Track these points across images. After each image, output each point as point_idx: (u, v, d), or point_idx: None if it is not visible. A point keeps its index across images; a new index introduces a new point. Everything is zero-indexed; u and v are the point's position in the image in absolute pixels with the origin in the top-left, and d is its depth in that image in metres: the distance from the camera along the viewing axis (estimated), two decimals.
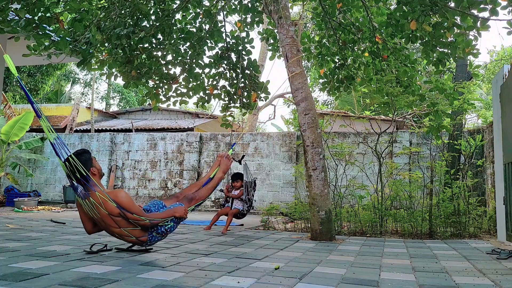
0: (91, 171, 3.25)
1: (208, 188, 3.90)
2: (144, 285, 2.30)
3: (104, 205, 3.13)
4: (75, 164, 3.13)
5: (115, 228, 3.22)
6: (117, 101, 30.02)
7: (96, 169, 3.33)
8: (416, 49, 14.38)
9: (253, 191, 5.95)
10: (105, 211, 3.15)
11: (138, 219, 3.21)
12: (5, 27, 4.69)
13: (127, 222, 3.21)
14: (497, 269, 3.09)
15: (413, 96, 5.94)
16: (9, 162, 11.39)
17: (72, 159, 3.14)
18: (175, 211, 3.41)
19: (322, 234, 4.78)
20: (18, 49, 6.41)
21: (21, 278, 2.35)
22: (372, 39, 6.33)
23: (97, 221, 3.29)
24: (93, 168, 3.31)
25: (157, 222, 3.31)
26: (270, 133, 11.07)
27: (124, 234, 3.27)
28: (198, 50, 6.46)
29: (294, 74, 5.11)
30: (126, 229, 3.24)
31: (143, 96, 6.97)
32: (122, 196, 3.19)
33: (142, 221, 3.24)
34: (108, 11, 5.38)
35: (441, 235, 5.55)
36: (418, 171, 6.99)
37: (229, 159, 4.19)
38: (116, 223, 3.20)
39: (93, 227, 3.38)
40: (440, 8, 4.79)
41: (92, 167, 3.30)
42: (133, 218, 3.20)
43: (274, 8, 5.29)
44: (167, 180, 11.38)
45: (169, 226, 3.41)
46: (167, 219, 3.37)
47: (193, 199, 3.73)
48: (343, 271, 2.90)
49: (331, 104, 20.69)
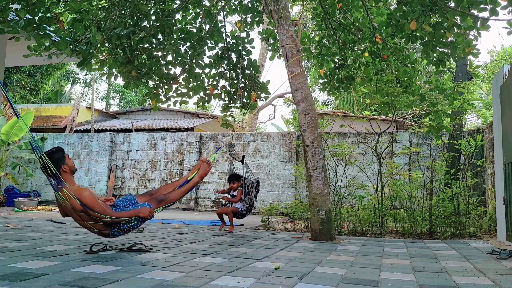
0: (62, 169, 3.52)
1: (181, 191, 4.04)
2: (144, 285, 2.30)
3: (69, 201, 3.39)
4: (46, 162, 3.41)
5: (79, 220, 3.51)
6: (117, 101, 30.03)
7: (68, 166, 3.58)
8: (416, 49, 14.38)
9: (256, 192, 5.93)
10: (70, 206, 3.41)
11: (100, 217, 3.43)
12: (5, 27, 4.69)
13: (90, 217, 3.45)
14: (497, 269, 3.09)
15: (413, 96, 5.94)
16: (9, 162, 11.39)
17: (44, 158, 3.41)
18: (140, 211, 3.60)
19: (322, 234, 4.78)
20: (18, 49, 6.41)
21: (21, 278, 2.35)
22: (372, 39, 6.33)
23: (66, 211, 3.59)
24: (65, 165, 3.56)
25: (119, 221, 3.53)
26: (270, 133, 11.07)
27: (88, 227, 3.54)
28: (198, 50, 6.46)
29: (294, 74, 5.11)
30: (89, 223, 3.49)
31: (143, 96, 6.97)
32: (86, 196, 3.41)
33: (104, 219, 3.46)
34: (108, 11, 5.38)
35: (441, 235, 5.55)
36: (418, 171, 6.99)
37: (209, 165, 4.32)
38: (80, 217, 3.47)
39: (65, 213, 3.64)
40: (440, 8, 4.79)
41: (64, 164, 3.55)
42: (95, 216, 3.42)
43: (274, 8, 5.29)
44: (167, 180, 11.38)
45: (133, 224, 3.63)
46: (130, 219, 3.57)
47: (163, 201, 3.87)
48: (343, 271, 2.90)
49: (331, 104, 20.70)
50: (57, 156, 3.55)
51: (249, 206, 5.82)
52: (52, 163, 3.39)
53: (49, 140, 12.09)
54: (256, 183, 5.95)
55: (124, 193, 11.59)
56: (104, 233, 3.60)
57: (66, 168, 3.55)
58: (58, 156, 3.56)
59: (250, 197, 5.80)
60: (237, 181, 5.88)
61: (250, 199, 5.80)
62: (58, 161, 3.53)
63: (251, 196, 5.80)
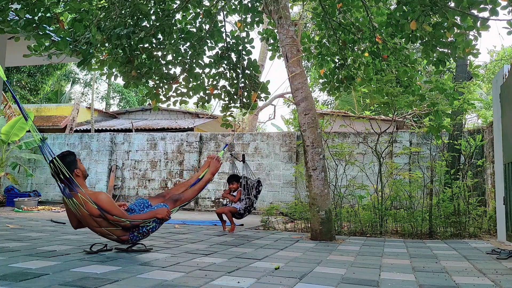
0: (75, 173, 3.37)
1: (195, 189, 3.97)
2: (144, 285, 2.30)
3: (85, 206, 3.24)
4: (58, 166, 3.24)
5: (96, 227, 3.35)
6: (117, 101, 30.02)
7: (80, 170, 3.44)
8: (416, 49, 14.38)
9: (256, 192, 5.92)
10: (86, 212, 3.26)
11: (118, 220, 3.31)
12: (5, 27, 4.69)
13: (108, 222, 3.31)
14: (497, 269, 3.09)
15: (413, 96, 5.94)
16: (9, 162, 11.39)
17: (56, 162, 3.25)
18: (157, 212, 3.49)
19: (322, 234, 4.78)
20: (18, 49, 6.41)
21: (21, 278, 2.35)
22: (372, 39, 6.33)
23: (80, 219, 3.42)
24: (77, 169, 3.42)
25: (138, 223, 3.41)
26: (270, 133, 11.07)
27: (106, 233, 3.39)
28: (198, 50, 6.46)
29: (294, 74, 5.11)
30: (107, 229, 3.34)
31: (143, 96, 6.99)
32: (103, 199, 3.29)
33: (123, 223, 3.33)
34: (108, 11, 5.37)
35: (441, 235, 5.55)
36: (418, 171, 6.99)
37: (218, 161, 4.26)
38: (97, 223, 3.31)
39: (78, 223, 3.51)
40: (440, 8, 4.79)
41: (76, 168, 3.40)
42: (113, 220, 3.30)
43: (274, 8, 5.29)
44: (167, 180, 11.39)
45: (151, 226, 3.51)
46: (149, 220, 3.45)
47: (178, 200, 3.79)
48: (343, 271, 2.90)
49: (331, 104, 20.70)
50: (69, 159, 3.39)
51: (248, 206, 5.80)
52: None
53: (49, 140, 12.08)
54: (256, 183, 5.94)
55: (124, 193, 11.60)
56: (123, 239, 3.44)
57: (79, 172, 3.40)
58: (70, 160, 3.40)
59: (250, 197, 5.79)
60: (236, 182, 5.88)
61: (249, 199, 5.79)
62: (70, 165, 3.36)
63: (250, 196, 5.79)
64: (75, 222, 3.50)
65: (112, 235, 3.39)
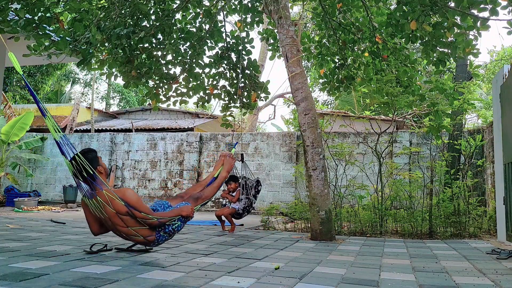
0: (98, 170, 3.24)
1: (213, 187, 3.90)
2: (144, 285, 2.30)
3: (111, 203, 3.11)
4: (81, 163, 3.11)
5: (122, 227, 3.19)
6: (117, 101, 30.02)
7: (103, 167, 3.32)
8: (416, 49, 14.38)
9: (255, 192, 5.91)
10: (113, 210, 3.13)
11: (146, 217, 3.18)
12: (5, 27, 4.69)
13: (135, 221, 3.19)
14: (497, 269, 3.09)
15: (413, 96, 5.94)
16: (9, 162, 11.39)
17: (78, 158, 3.13)
18: (182, 210, 3.39)
19: (322, 234, 4.78)
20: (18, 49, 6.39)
21: (21, 278, 2.35)
22: (372, 39, 6.33)
23: (104, 221, 3.27)
24: (100, 166, 3.29)
25: (164, 221, 3.28)
26: (270, 133, 11.07)
27: (132, 234, 3.24)
28: (198, 50, 6.46)
29: (294, 74, 5.11)
30: (134, 228, 3.20)
31: (143, 96, 6.98)
32: (130, 195, 3.17)
33: (150, 220, 3.21)
34: (108, 11, 5.38)
35: (441, 235, 5.55)
36: (418, 171, 6.99)
37: (232, 158, 4.19)
38: (123, 222, 3.17)
39: (99, 228, 3.37)
40: (440, 8, 4.79)
41: (98, 165, 3.29)
42: (141, 217, 3.17)
43: (274, 8, 5.29)
44: (167, 180, 11.39)
45: (177, 225, 3.40)
46: (174, 218, 3.35)
47: (199, 198, 3.72)
48: (343, 271, 2.89)
49: (331, 104, 20.70)
50: (90, 156, 3.25)
51: (247, 206, 5.78)
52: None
53: (49, 140, 12.07)
54: (256, 183, 5.94)
55: None
56: (149, 240, 3.29)
57: (101, 170, 3.27)
58: (92, 156, 3.26)
59: (249, 197, 5.78)
60: (233, 182, 5.87)
61: (248, 199, 5.78)
62: (92, 162, 3.21)
63: (249, 196, 5.78)
64: (96, 227, 3.35)
65: (138, 235, 3.24)
